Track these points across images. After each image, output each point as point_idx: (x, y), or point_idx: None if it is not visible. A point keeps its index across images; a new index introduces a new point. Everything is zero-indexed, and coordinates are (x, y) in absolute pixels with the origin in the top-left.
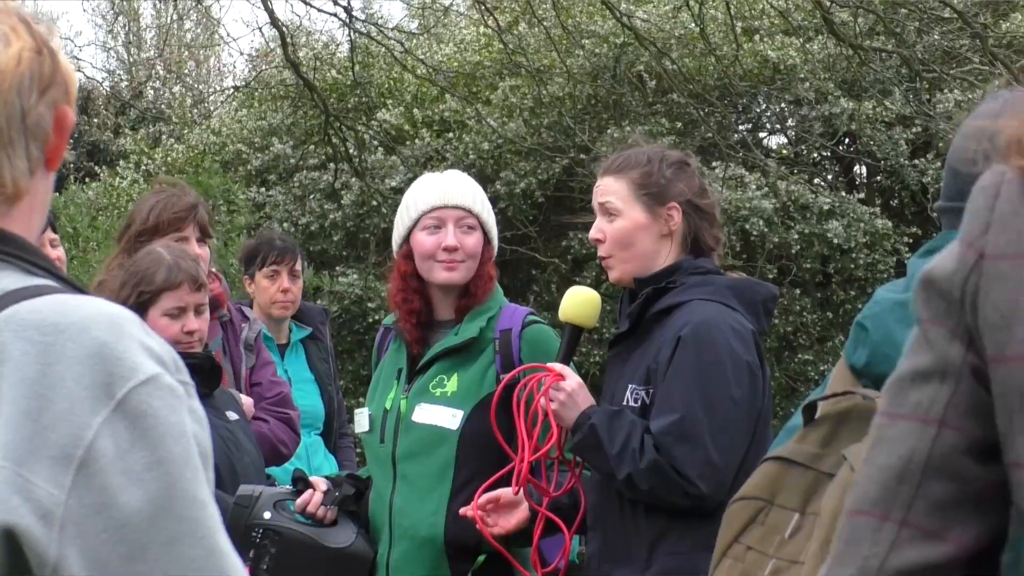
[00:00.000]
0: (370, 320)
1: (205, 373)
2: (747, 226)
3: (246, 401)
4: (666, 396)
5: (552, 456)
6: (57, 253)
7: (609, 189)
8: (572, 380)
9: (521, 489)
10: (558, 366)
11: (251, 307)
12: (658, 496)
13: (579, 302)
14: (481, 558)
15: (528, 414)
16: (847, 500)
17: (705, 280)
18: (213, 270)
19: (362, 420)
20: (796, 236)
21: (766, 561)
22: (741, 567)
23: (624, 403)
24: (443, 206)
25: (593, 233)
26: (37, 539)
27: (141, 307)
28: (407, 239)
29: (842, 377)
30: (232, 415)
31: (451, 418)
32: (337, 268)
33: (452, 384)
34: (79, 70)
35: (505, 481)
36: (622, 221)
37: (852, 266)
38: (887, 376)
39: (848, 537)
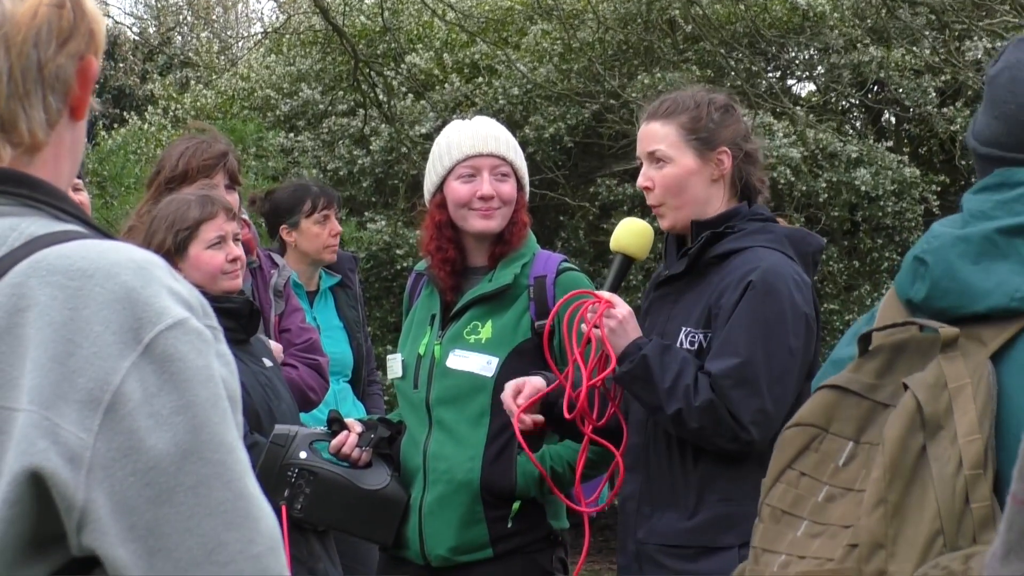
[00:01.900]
0: (398, 267)
1: (244, 318)
2: (775, 174)
3: (275, 347)
4: (728, 340)
5: (606, 386)
6: (80, 197)
7: (657, 135)
8: (623, 307)
9: (575, 416)
10: (607, 294)
11: (280, 254)
12: (705, 436)
13: (634, 232)
14: (516, 504)
15: (576, 340)
16: (1015, 485)
17: (765, 228)
18: (244, 217)
19: (395, 366)
20: (824, 184)
21: (820, 487)
22: (794, 492)
23: (678, 345)
24: (478, 154)
25: (641, 181)
26: (65, 482)
27: (180, 247)
28: (440, 187)
29: (894, 309)
30: (267, 362)
31: (486, 365)
32: (365, 214)
33: (486, 331)
34: (107, 15)
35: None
36: (672, 168)
37: (880, 214)
38: (946, 310)
39: None
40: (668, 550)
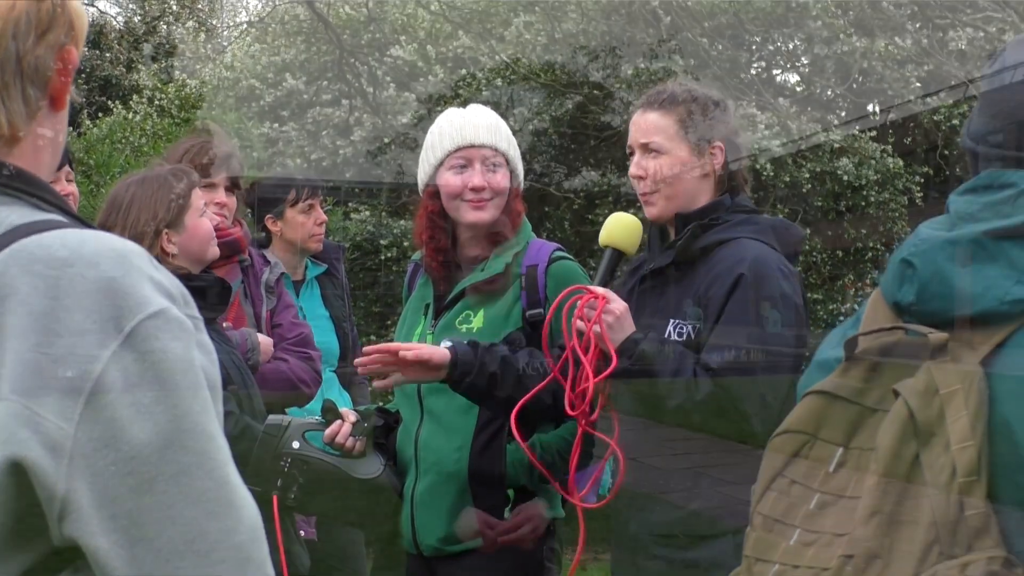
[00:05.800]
0: (383, 257)
1: (214, 295)
2: (757, 165)
3: (265, 341)
4: (724, 332)
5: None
6: (69, 188)
7: (655, 126)
8: (619, 303)
9: (579, 413)
10: (601, 289)
11: (266, 245)
12: (708, 428)
13: (624, 226)
14: (511, 493)
15: (574, 336)
16: None
17: (750, 219)
18: (238, 218)
19: None
20: (807, 175)
21: (811, 495)
22: (786, 500)
23: (666, 337)
24: (469, 145)
25: (634, 170)
26: (46, 472)
27: (176, 219)
28: (433, 177)
29: (880, 313)
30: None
31: None
32: (350, 204)
33: (478, 320)
34: (92, 3)
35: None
36: (667, 158)
37: (863, 204)
38: (935, 314)
39: None
40: (662, 540)
